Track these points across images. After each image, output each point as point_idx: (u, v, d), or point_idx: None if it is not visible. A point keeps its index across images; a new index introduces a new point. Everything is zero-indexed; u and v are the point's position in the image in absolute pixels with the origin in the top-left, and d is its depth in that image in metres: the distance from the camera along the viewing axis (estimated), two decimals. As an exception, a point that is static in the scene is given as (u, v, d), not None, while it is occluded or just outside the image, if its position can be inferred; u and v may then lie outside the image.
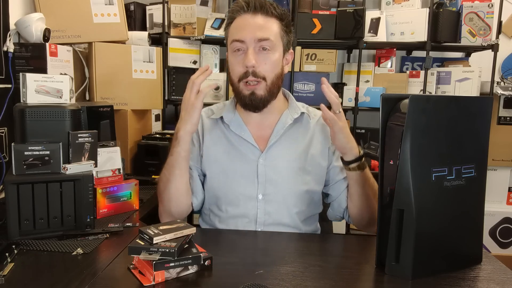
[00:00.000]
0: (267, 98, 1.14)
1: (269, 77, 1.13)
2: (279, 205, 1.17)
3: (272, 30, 1.12)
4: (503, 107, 2.45)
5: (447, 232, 0.87)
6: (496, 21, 2.35)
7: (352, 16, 2.35)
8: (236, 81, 1.14)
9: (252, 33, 1.10)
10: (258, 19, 1.11)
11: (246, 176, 1.17)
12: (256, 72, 1.11)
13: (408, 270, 0.83)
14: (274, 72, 1.14)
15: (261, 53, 1.11)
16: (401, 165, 0.82)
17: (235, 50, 1.13)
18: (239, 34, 1.11)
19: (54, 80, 1.11)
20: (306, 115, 1.23)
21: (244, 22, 1.12)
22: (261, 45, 1.11)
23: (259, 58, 1.11)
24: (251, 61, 1.09)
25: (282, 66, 1.17)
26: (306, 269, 0.88)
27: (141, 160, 1.79)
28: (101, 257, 0.93)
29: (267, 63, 1.12)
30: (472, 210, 0.91)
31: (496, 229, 2.51)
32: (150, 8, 2.45)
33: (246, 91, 1.13)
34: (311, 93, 2.52)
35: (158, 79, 1.90)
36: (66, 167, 1.04)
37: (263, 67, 1.11)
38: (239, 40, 1.11)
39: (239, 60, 1.12)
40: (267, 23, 1.12)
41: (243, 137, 1.19)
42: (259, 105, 1.14)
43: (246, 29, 1.11)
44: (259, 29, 1.10)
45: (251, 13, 1.11)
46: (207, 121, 1.24)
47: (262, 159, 1.18)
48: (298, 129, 1.22)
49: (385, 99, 0.87)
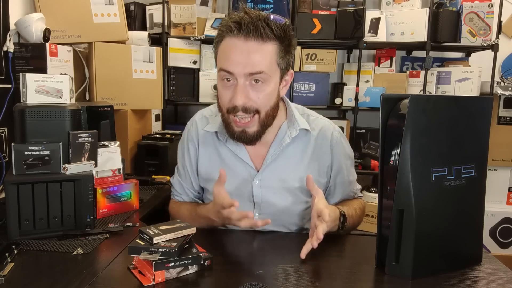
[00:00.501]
0: (260, 133, 1.05)
1: (263, 110, 1.02)
2: (277, 223, 1.13)
3: (266, 59, 0.98)
4: (503, 107, 2.45)
5: (447, 232, 0.87)
6: (496, 21, 2.35)
7: (352, 16, 2.35)
8: (225, 111, 1.04)
9: (242, 66, 0.96)
10: (250, 45, 0.96)
11: (241, 196, 1.12)
12: (247, 108, 1.00)
13: (408, 270, 0.83)
14: (268, 105, 1.03)
15: (253, 86, 0.99)
16: (401, 165, 0.82)
17: (223, 79, 1.01)
18: (227, 63, 0.98)
19: (54, 80, 1.11)
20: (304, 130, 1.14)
21: (233, 48, 0.97)
22: (253, 78, 0.98)
23: (250, 93, 0.99)
24: (239, 100, 0.98)
25: (278, 94, 1.06)
26: (306, 269, 0.88)
27: (141, 160, 1.79)
28: (101, 257, 0.93)
29: (260, 97, 1.00)
30: (472, 210, 0.91)
31: (496, 229, 2.51)
32: (150, 8, 2.45)
33: (236, 127, 1.04)
34: (311, 93, 2.52)
35: (158, 79, 1.90)
36: (66, 167, 1.04)
37: (255, 101, 1.00)
38: (227, 71, 0.98)
39: (228, 91, 1.01)
40: (260, 50, 0.97)
41: (239, 156, 1.13)
42: (251, 140, 1.06)
43: (235, 60, 0.97)
44: (250, 62, 0.96)
45: (243, 38, 0.96)
46: (202, 133, 1.18)
47: (257, 180, 1.12)
48: (296, 146, 1.14)
49: (385, 99, 0.87)
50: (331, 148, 1.16)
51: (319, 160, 1.15)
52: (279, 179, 1.13)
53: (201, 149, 1.18)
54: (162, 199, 1.45)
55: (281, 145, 1.12)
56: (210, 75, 2.49)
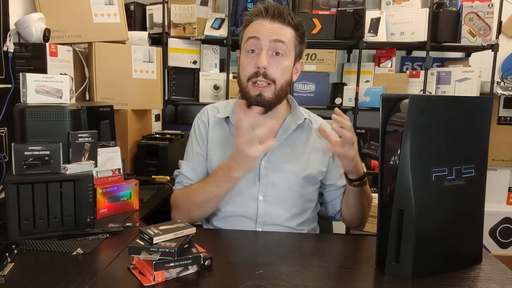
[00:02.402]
0: (273, 101, 1.15)
1: (279, 82, 1.14)
2: (279, 206, 1.18)
3: (287, 36, 1.14)
4: (503, 107, 2.45)
5: (447, 232, 0.87)
6: (496, 21, 2.35)
7: (352, 16, 2.35)
8: (245, 81, 1.15)
9: (268, 34, 1.12)
10: (275, 25, 1.13)
11: (247, 177, 1.17)
12: (266, 74, 1.11)
13: (408, 270, 0.83)
14: (284, 78, 1.15)
15: (274, 57, 1.13)
16: (401, 165, 0.82)
17: (248, 51, 1.14)
18: (255, 32, 1.13)
19: (54, 80, 1.11)
20: (308, 121, 1.25)
21: (261, 25, 1.13)
22: (275, 49, 1.12)
23: (271, 62, 1.12)
24: (263, 62, 1.10)
25: (291, 74, 1.18)
26: (306, 269, 0.88)
27: (141, 160, 1.79)
28: (101, 257, 0.93)
29: (279, 67, 1.13)
30: (472, 210, 0.91)
31: (496, 229, 2.51)
32: (150, 8, 2.45)
33: (254, 91, 1.13)
34: (311, 93, 2.52)
35: (158, 79, 1.90)
36: (66, 167, 1.04)
37: (274, 71, 1.12)
38: (255, 36, 1.12)
39: (251, 60, 1.13)
40: (283, 30, 1.13)
41: None
42: (265, 107, 1.14)
43: (262, 30, 1.12)
44: (275, 32, 1.12)
45: (269, 19, 1.13)
46: (212, 119, 1.25)
47: (264, 162, 1.18)
48: (300, 135, 1.23)
49: (385, 99, 0.87)
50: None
51: (320, 149, 1.23)
52: (284, 162, 1.19)
53: (210, 134, 1.24)
54: (162, 199, 1.45)
55: (287, 131, 1.21)
56: (210, 75, 2.49)
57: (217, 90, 2.49)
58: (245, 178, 1.16)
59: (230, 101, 1.28)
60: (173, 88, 2.46)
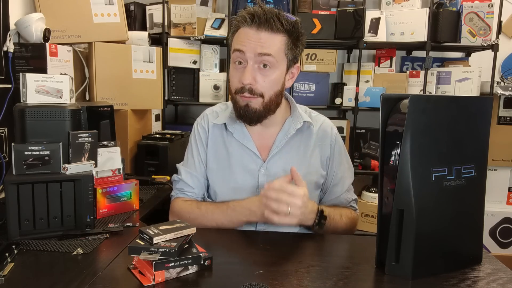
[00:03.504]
0: (262, 113, 1.11)
1: (267, 94, 1.10)
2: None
3: (275, 47, 1.07)
4: (503, 107, 2.45)
5: (447, 232, 0.87)
6: (496, 21, 2.35)
7: (352, 16, 2.35)
8: (233, 92, 1.13)
9: (253, 47, 1.06)
10: (261, 35, 1.06)
11: (247, 185, 1.16)
12: (252, 89, 1.08)
13: (408, 270, 0.83)
14: (272, 90, 1.10)
15: (261, 70, 1.08)
16: (401, 165, 0.82)
17: (235, 62, 1.10)
18: (240, 44, 1.08)
19: (54, 80, 1.11)
20: (308, 123, 1.21)
21: (246, 36, 1.07)
22: (262, 61, 1.07)
23: (258, 75, 1.08)
24: (247, 79, 1.06)
25: (283, 83, 1.14)
26: (306, 269, 0.88)
27: (141, 160, 1.79)
28: (101, 257, 0.93)
29: (266, 81, 1.08)
30: (472, 210, 0.91)
31: (496, 229, 2.51)
32: (150, 8, 2.45)
33: (241, 102, 1.11)
34: (311, 93, 2.52)
35: (158, 79, 1.90)
36: (66, 167, 1.04)
37: (261, 84, 1.08)
38: (240, 50, 1.07)
39: (237, 73, 1.10)
40: (270, 39, 1.07)
41: (246, 146, 1.18)
42: (253, 118, 1.12)
43: (247, 42, 1.07)
44: (260, 44, 1.06)
45: (255, 28, 1.06)
46: (212, 125, 1.23)
47: (263, 169, 1.17)
48: (300, 139, 1.21)
49: (385, 99, 0.87)
50: (331, 143, 1.23)
51: (320, 152, 1.22)
52: (284, 169, 1.17)
53: (210, 139, 1.22)
54: (162, 199, 1.45)
55: (287, 136, 1.19)
56: (210, 75, 2.49)
57: (217, 90, 2.49)
58: (245, 186, 1.16)
59: (229, 104, 1.25)
60: (173, 88, 2.46)
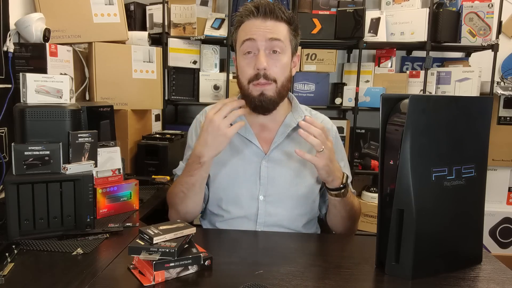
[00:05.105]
0: (276, 100, 1.13)
1: (280, 80, 1.13)
2: (280, 206, 1.17)
3: (282, 33, 1.12)
4: (503, 107, 2.45)
5: (447, 232, 0.87)
6: (496, 21, 2.35)
7: (352, 16, 2.35)
8: (246, 83, 1.13)
9: (262, 34, 1.10)
10: (268, 23, 1.11)
11: (248, 177, 1.17)
12: (267, 74, 1.10)
13: (408, 270, 0.83)
14: (284, 75, 1.14)
15: (272, 56, 1.11)
16: (401, 165, 0.82)
17: (245, 53, 1.12)
18: (249, 34, 1.11)
19: (54, 80, 1.11)
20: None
21: (254, 25, 1.11)
22: (272, 47, 1.10)
23: (270, 61, 1.10)
24: (262, 64, 1.09)
25: (290, 69, 1.18)
26: (306, 269, 0.88)
27: (141, 160, 1.79)
28: (101, 257, 0.93)
29: (278, 65, 1.12)
30: (472, 210, 0.91)
31: (496, 229, 2.51)
32: (150, 8, 2.44)
33: (256, 91, 1.12)
34: (311, 93, 2.52)
35: (158, 79, 1.90)
36: (66, 167, 1.04)
37: (273, 70, 1.11)
38: (250, 38, 1.10)
39: (249, 62, 1.12)
40: (276, 27, 1.11)
41: (247, 138, 1.19)
42: (269, 107, 1.13)
43: (256, 30, 1.10)
44: (269, 30, 1.10)
45: (261, 18, 1.11)
46: None
47: (265, 161, 1.18)
48: None
49: (385, 99, 0.87)
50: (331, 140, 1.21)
51: None
52: (285, 161, 1.19)
53: None
54: (162, 199, 1.45)
55: (288, 129, 1.20)
56: (210, 75, 2.49)
57: (217, 90, 2.49)
58: (246, 178, 1.17)
59: None
60: (173, 88, 2.46)
